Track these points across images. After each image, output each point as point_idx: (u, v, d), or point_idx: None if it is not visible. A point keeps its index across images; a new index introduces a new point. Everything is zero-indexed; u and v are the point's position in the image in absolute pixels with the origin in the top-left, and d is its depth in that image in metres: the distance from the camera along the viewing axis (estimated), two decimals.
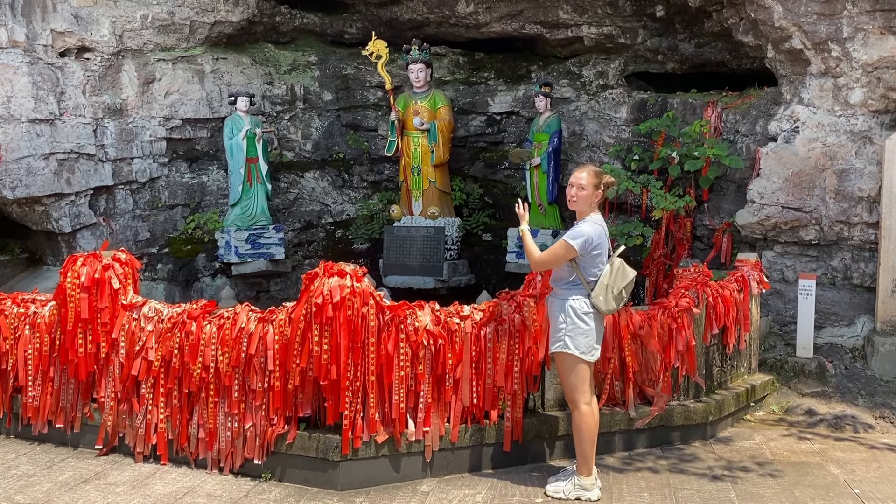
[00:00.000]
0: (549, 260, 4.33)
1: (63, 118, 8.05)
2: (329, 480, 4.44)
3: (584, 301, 4.28)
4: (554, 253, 4.29)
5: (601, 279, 4.27)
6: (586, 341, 4.27)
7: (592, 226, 4.29)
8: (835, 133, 6.66)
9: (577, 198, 4.33)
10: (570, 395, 4.35)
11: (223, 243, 8.88)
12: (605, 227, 4.39)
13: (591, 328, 4.28)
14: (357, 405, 4.44)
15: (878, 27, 6.26)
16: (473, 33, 9.53)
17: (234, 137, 8.78)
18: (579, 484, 4.32)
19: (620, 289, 4.30)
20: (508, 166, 9.62)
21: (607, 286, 4.27)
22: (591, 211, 4.36)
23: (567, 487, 4.34)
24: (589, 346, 4.28)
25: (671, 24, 8.48)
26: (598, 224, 4.34)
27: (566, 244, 4.23)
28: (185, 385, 4.73)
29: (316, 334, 4.36)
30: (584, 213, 4.37)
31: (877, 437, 5.58)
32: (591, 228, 4.26)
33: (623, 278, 4.31)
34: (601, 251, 4.29)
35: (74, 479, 4.57)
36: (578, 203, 4.34)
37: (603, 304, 4.27)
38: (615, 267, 4.32)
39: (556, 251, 4.29)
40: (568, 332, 4.26)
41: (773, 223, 6.81)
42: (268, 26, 9.68)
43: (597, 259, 4.29)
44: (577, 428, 4.33)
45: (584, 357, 4.27)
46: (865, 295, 6.67)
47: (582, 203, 4.33)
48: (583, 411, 4.29)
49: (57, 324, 5.06)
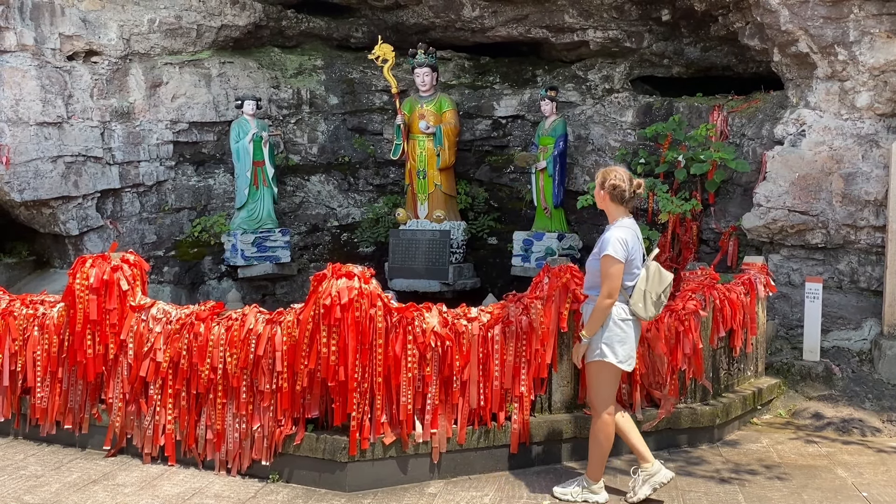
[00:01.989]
0: (613, 283, 4.08)
1: (71, 121, 8.09)
2: (337, 482, 4.45)
3: (621, 308, 4.17)
4: (609, 275, 4.08)
5: (638, 284, 4.17)
6: (624, 349, 4.17)
7: (620, 230, 4.16)
8: (841, 137, 6.65)
9: (596, 199, 4.34)
10: (594, 402, 4.30)
11: (229, 246, 8.91)
12: (636, 229, 4.26)
13: (629, 335, 4.19)
14: (365, 406, 4.44)
15: (884, 31, 6.26)
16: (479, 37, 9.56)
17: (241, 141, 8.81)
18: (588, 488, 4.33)
19: (659, 293, 4.21)
20: (514, 170, 9.63)
21: (645, 291, 4.17)
22: (618, 214, 4.24)
23: (575, 490, 4.34)
24: (627, 355, 4.20)
25: (677, 28, 8.50)
26: (628, 227, 4.20)
27: (608, 258, 4.08)
28: (194, 386, 4.74)
29: (324, 336, 4.37)
30: (612, 217, 4.27)
31: (884, 441, 5.56)
32: (618, 233, 4.13)
33: (661, 282, 4.22)
34: (635, 256, 4.18)
35: (83, 480, 4.58)
36: (599, 204, 4.34)
37: (643, 310, 4.18)
38: (651, 271, 4.21)
39: (609, 273, 4.08)
40: (605, 341, 4.15)
41: (780, 227, 6.81)
42: (274, 30, 9.73)
43: (632, 264, 4.16)
44: (595, 435, 4.28)
45: (622, 366, 4.18)
46: (872, 298, 6.66)
47: (599, 205, 4.33)
48: (604, 420, 4.24)
49: (66, 325, 5.08)
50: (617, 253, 4.06)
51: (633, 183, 4.23)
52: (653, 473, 4.29)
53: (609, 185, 4.21)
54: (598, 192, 4.29)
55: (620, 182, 4.20)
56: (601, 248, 4.15)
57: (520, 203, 9.66)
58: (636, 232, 4.26)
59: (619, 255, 4.06)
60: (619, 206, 4.23)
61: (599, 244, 4.21)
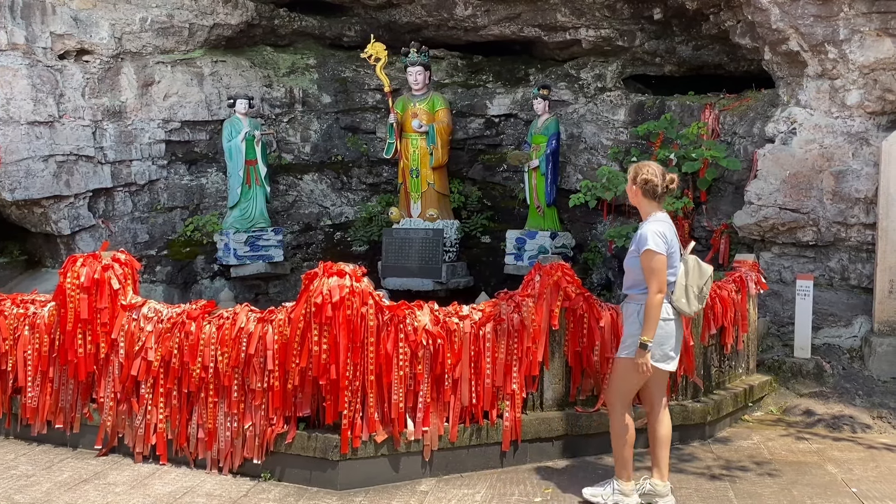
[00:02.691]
0: (660, 278, 3.93)
1: (62, 120, 8.07)
2: (328, 480, 4.45)
3: (665, 305, 4.01)
4: (653, 270, 3.93)
5: (678, 280, 4.04)
6: (662, 349, 4.02)
7: (655, 223, 4.02)
8: (832, 135, 6.68)
9: (628, 195, 4.24)
10: (612, 398, 4.20)
11: (222, 245, 8.90)
12: (671, 223, 4.13)
13: (670, 334, 4.05)
14: (356, 405, 4.45)
15: (874, 29, 6.29)
16: (472, 36, 9.57)
17: (233, 140, 8.80)
18: (618, 489, 4.17)
19: (701, 286, 4.10)
20: (507, 168, 9.65)
21: (686, 286, 4.05)
22: (651, 209, 4.10)
23: (605, 492, 4.21)
24: (664, 354, 4.04)
25: (669, 26, 8.52)
26: (663, 221, 4.07)
27: (649, 252, 3.93)
28: (185, 385, 4.74)
29: (315, 334, 4.37)
30: (644, 213, 4.15)
31: (874, 437, 5.59)
32: (654, 226, 4.00)
33: (701, 275, 4.11)
34: (674, 249, 4.05)
35: (74, 479, 4.57)
36: (631, 200, 4.23)
37: (686, 305, 4.06)
38: (690, 265, 4.10)
39: (652, 267, 3.93)
40: (634, 340, 4.00)
41: (771, 224, 6.83)
42: (266, 29, 9.72)
43: (672, 259, 4.03)
44: (615, 432, 4.19)
45: (659, 365, 4.03)
46: (863, 296, 6.69)
47: (631, 201, 4.22)
48: (621, 416, 4.14)
49: (56, 324, 5.07)
50: (657, 246, 3.93)
51: (665, 177, 4.10)
52: (660, 493, 4.19)
53: (641, 180, 4.08)
54: (630, 188, 4.17)
55: (653, 177, 4.06)
56: (639, 244, 4.01)
57: (513, 202, 9.67)
58: (672, 226, 4.13)
59: (659, 248, 3.93)
60: (651, 201, 4.09)
61: (636, 241, 4.08)
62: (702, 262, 4.17)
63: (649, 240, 3.94)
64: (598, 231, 8.98)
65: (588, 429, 5.00)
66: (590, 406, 5.08)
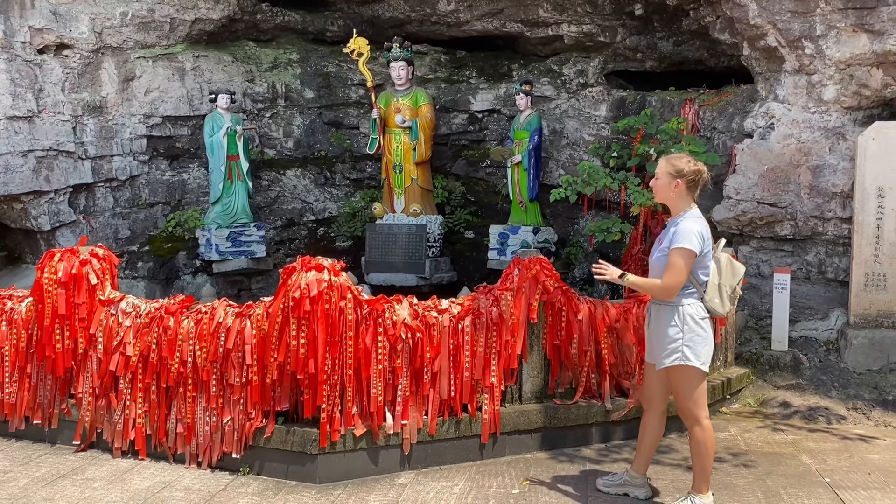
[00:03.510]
0: (678, 278, 3.78)
1: (42, 115, 8.01)
2: (307, 474, 4.47)
3: (699, 305, 3.86)
4: (677, 268, 3.77)
5: (711, 279, 3.87)
6: (706, 350, 3.87)
7: (695, 221, 3.84)
8: (809, 130, 6.75)
9: (655, 189, 3.98)
10: (691, 410, 3.91)
11: (204, 241, 8.87)
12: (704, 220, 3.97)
13: (708, 334, 3.88)
14: (335, 399, 4.46)
15: (850, 25, 6.36)
16: (455, 31, 9.57)
17: (215, 135, 8.76)
18: (699, 502, 3.99)
19: (734, 286, 3.94)
20: (490, 164, 9.67)
21: (720, 286, 3.88)
22: (684, 205, 3.90)
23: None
24: (707, 355, 3.88)
25: (650, 22, 8.56)
26: (701, 219, 3.90)
27: (684, 251, 3.76)
28: (163, 380, 4.74)
29: (293, 328, 4.38)
30: (677, 209, 3.92)
31: (849, 428, 5.67)
32: (696, 224, 3.82)
33: (734, 274, 3.94)
34: (709, 249, 3.89)
35: (52, 475, 4.56)
36: (657, 195, 3.98)
37: (720, 305, 3.89)
38: (723, 263, 3.93)
39: (678, 265, 3.77)
40: (686, 342, 3.82)
41: (749, 219, 6.90)
42: (249, 24, 9.67)
43: (707, 257, 3.88)
44: (702, 444, 3.92)
45: (704, 368, 3.86)
46: (839, 289, 6.77)
47: (661, 194, 3.95)
48: (705, 427, 3.91)
49: (34, 320, 5.04)
50: (694, 245, 3.76)
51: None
52: (637, 485, 4.24)
53: (691, 171, 3.84)
54: (670, 183, 3.87)
55: (701, 167, 3.89)
56: (674, 240, 3.80)
57: (496, 197, 9.70)
58: (705, 221, 3.95)
59: (695, 248, 3.76)
60: (691, 194, 3.90)
61: (669, 237, 3.86)
62: (734, 261, 4.00)
63: (689, 239, 3.76)
64: (581, 226, 9.03)
65: (566, 421, 5.04)
66: (568, 398, 5.12)
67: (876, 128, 6.39)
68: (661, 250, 3.94)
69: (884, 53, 6.29)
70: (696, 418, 3.91)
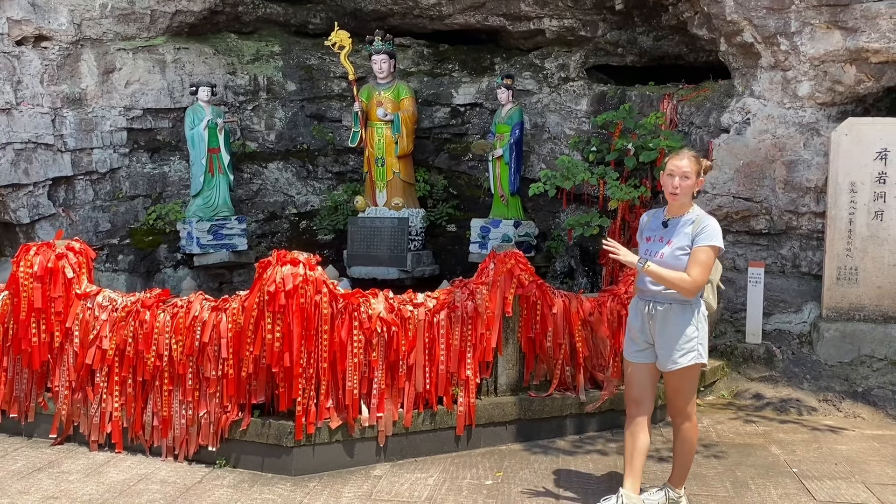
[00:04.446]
0: (707, 275, 3.75)
1: (20, 108, 7.97)
2: (283, 466, 4.51)
3: (702, 302, 3.87)
4: (707, 266, 3.71)
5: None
6: (706, 346, 3.89)
7: (715, 220, 3.83)
8: (784, 125, 6.83)
9: (681, 189, 3.75)
10: (684, 408, 3.89)
11: (185, 234, 8.86)
12: None
13: (706, 330, 3.90)
14: (310, 392, 4.50)
15: (824, 22, 6.43)
16: (437, 25, 9.58)
17: (196, 128, 8.74)
18: (675, 500, 4.03)
19: (716, 282, 3.97)
20: (472, 158, 9.70)
21: (711, 281, 3.88)
22: (690, 203, 3.84)
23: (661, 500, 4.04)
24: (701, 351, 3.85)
25: (630, 17, 8.61)
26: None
27: (716, 249, 3.73)
28: (140, 373, 4.76)
29: (269, 322, 4.41)
30: (685, 206, 3.82)
31: (819, 420, 5.77)
32: (717, 225, 3.80)
33: (717, 270, 3.95)
34: None
35: (27, 468, 4.58)
36: (681, 194, 3.77)
37: (714, 301, 3.92)
38: None
39: (708, 263, 3.71)
40: (700, 341, 3.80)
41: (725, 213, 6.98)
42: (230, 16, 9.64)
43: None
44: (690, 441, 3.93)
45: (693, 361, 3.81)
46: (813, 282, 6.87)
47: (685, 194, 3.78)
48: (694, 423, 3.94)
49: (10, 313, 5.04)
50: (722, 244, 3.75)
51: None
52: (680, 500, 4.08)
53: (707, 165, 3.86)
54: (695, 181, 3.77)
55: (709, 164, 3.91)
56: (702, 238, 3.70)
57: (478, 191, 9.74)
58: None
59: (722, 246, 3.77)
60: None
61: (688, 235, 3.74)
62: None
63: (719, 237, 3.73)
64: (562, 220, 9.09)
65: (541, 413, 5.11)
66: (543, 391, 5.19)
67: (849, 123, 6.48)
68: (679, 248, 3.74)
69: (857, 50, 6.37)
70: (689, 415, 3.91)
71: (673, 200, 3.81)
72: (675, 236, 3.78)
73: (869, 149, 6.40)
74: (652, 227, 3.93)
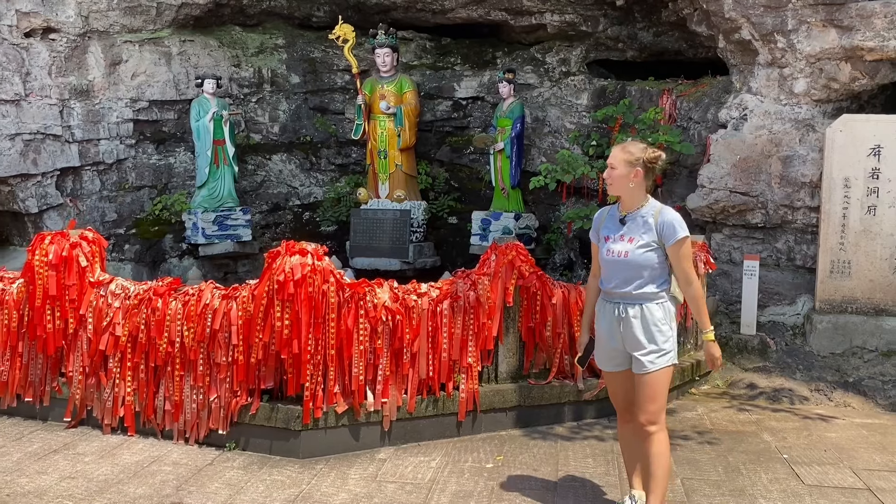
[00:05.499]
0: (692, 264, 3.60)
1: (29, 99, 8.08)
2: (291, 449, 4.66)
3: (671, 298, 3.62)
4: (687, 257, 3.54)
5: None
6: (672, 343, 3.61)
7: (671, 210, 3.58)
8: (780, 121, 6.97)
9: (611, 179, 3.57)
10: (659, 414, 3.57)
11: (190, 225, 8.99)
12: None
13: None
14: (318, 377, 4.65)
15: (820, 20, 6.56)
16: (440, 18, 9.69)
17: (201, 119, 8.87)
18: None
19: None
20: (474, 151, 9.83)
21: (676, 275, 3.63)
22: (642, 195, 3.57)
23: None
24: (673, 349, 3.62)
25: (630, 13, 8.73)
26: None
27: (687, 241, 3.51)
28: (152, 359, 4.90)
29: (278, 310, 4.56)
30: (636, 199, 3.57)
31: (811, 409, 5.94)
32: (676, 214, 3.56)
33: None
34: None
35: (44, 450, 4.73)
36: (614, 186, 3.58)
37: (680, 294, 3.63)
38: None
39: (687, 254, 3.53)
40: (672, 341, 3.58)
41: (722, 207, 7.12)
42: (235, 9, 9.74)
43: None
44: (661, 454, 3.56)
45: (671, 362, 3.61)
46: (807, 276, 7.02)
47: (617, 185, 3.57)
48: (666, 430, 3.64)
49: (25, 301, 5.19)
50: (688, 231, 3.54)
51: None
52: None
53: (648, 160, 3.52)
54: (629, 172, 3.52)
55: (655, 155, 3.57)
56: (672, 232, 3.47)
57: (479, 184, 9.88)
58: None
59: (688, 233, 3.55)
60: (647, 182, 3.58)
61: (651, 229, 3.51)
62: None
63: (684, 227, 3.50)
64: (561, 212, 9.23)
65: (540, 400, 5.26)
66: (542, 379, 5.34)
67: (844, 120, 6.62)
68: (645, 246, 3.51)
69: (852, 48, 6.50)
70: (662, 424, 3.59)
71: (609, 192, 3.68)
72: (635, 232, 3.55)
73: (863, 145, 6.54)
74: (608, 226, 3.68)
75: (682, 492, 4.25)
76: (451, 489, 4.23)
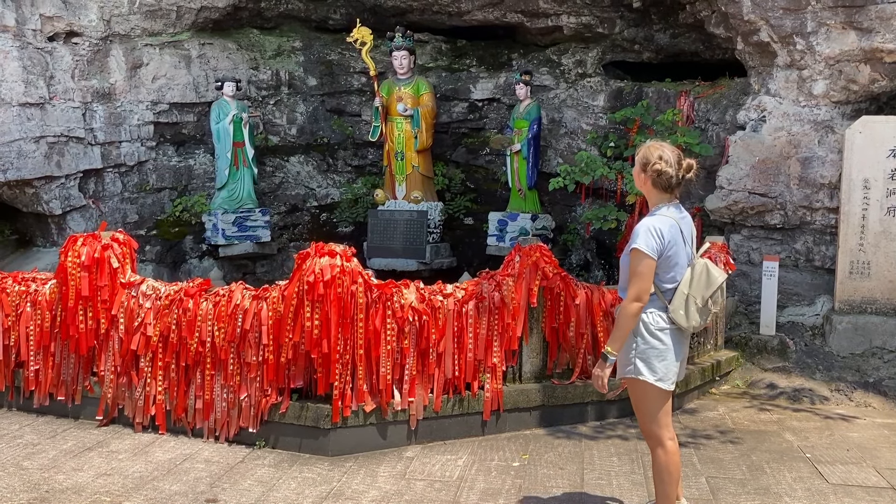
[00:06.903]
0: (642, 284, 3.32)
1: (52, 102, 8.19)
2: (320, 447, 4.74)
3: (658, 315, 3.41)
4: (635, 273, 3.32)
5: (680, 287, 3.40)
6: (663, 365, 3.40)
7: (658, 219, 3.37)
8: (799, 123, 7.00)
9: (636, 182, 3.55)
10: (649, 428, 3.51)
11: (210, 226, 9.09)
12: (680, 219, 3.44)
13: (668, 348, 3.41)
14: (346, 377, 4.72)
15: (839, 22, 6.59)
16: (456, 21, 9.76)
17: (221, 122, 8.96)
18: None
19: (706, 298, 3.40)
20: (490, 152, 9.90)
21: (688, 296, 3.39)
22: (659, 200, 3.44)
23: None
24: (666, 371, 3.41)
25: (647, 14, 8.77)
26: (665, 217, 3.39)
27: (637, 254, 3.31)
28: (183, 359, 4.99)
29: (308, 310, 4.63)
30: (651, 203, 3.49)
31: (831, 408, 5.97)
32: (651, 221, 3.36)
33: (708, 285, 3.41)
34: (674, 251, 3.37)
35: (78, 447, 4.82)
36: (636, 184, 3.57)
37: (684, 318, 3.39)
38: (697, 271, 3.42)
39: (635, 270, 3.32)
40: (639, 354, 3.41)
41: (741, 208, 7.16)
42: (253, 12, 9.84)
43: (671, 261, 3.38)
44: (664, 468, 3.48)
45: (661, 384, 3.41)
46: (825, 276, 7.05)
47: (637, 185, 3.55)
48: (668, 448, 3.47)
49: (58, 301, 5.28)
50: (647, 247, 3.29)
51: (682, 165, 3.41)
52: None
53: (653, 171, 3.38)
54: (639, 175, 3.47)
55: (667, 168, 3.36)
56: (630, 241, 3.39)
57: (496, 184, 9.94)
58: (678, 223, 3.42)
59: (649, 250, 3.29)
60: (661, 192, 3.42)
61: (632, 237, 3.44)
62: (713, 269, 3.46)
63: (640, 238, 3.32)
64: (578, 213, 9.29)
65: (563, 399, 5.32)
66: (565, 378, 5.40)
67: (863, 121, 6.64)
68: (625, 250, 3.49)
69: (871, 50, 6.53)
70: (659, 439, 3.48)
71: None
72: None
73: (882, 146, 6.56)
74: None
75: (708, 490, 4.30)
76: (480, 487, 4.30)
